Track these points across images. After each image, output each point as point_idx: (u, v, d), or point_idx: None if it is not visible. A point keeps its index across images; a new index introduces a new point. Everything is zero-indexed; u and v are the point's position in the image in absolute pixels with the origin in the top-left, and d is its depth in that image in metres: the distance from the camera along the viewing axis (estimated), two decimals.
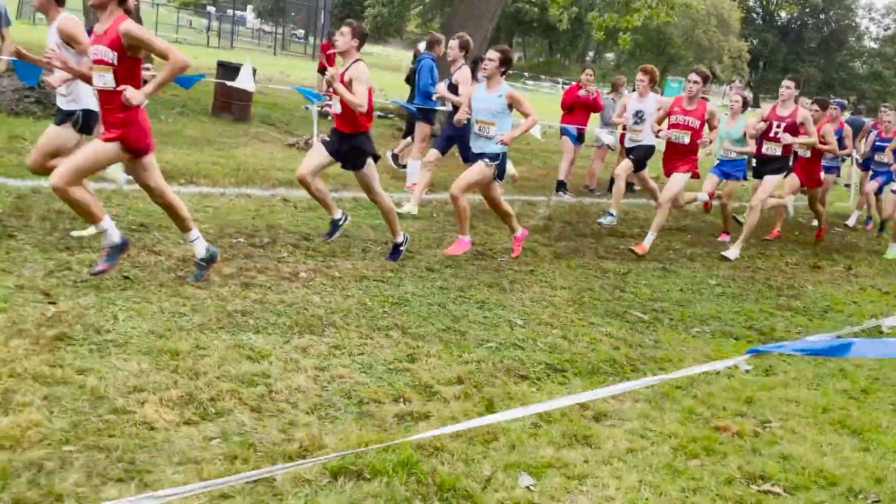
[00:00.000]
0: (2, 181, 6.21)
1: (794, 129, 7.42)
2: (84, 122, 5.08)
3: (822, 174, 10.05)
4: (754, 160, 7.97)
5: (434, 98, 8.61)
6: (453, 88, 8.02)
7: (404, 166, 10.04)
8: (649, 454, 3.27)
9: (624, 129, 9.86)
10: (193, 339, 3.86)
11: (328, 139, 5.91)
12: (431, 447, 3.12)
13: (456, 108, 6.88)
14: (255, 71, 11.92)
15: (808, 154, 8.22)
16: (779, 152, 7.53)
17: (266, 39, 42.39)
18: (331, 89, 6.08)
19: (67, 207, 5.84)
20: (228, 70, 11.16)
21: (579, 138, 10.41)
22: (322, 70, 15.93)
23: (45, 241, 5.02)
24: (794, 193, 8.68)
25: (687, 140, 7.09)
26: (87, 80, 4.50)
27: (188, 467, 2.74)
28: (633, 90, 8.62)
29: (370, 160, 5.75)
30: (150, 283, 4.56)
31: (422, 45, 12.37)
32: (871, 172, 10.58)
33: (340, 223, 6.25)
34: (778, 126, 7.50)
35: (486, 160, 5.97)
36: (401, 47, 55.90)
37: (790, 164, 8.07)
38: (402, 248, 5.88)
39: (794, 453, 3.45)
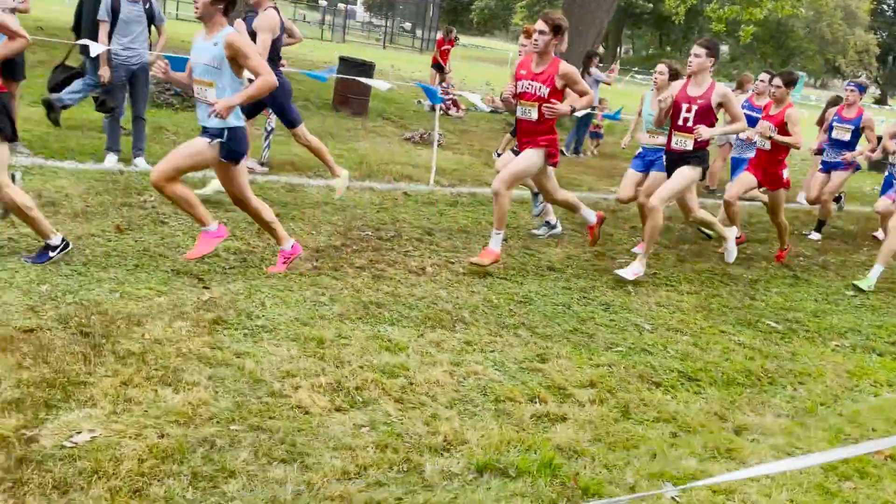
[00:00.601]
0: (150, 169, 6.64)
1: (707, 113, 5.48)
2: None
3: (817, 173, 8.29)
4: (665, 155, 6.04)
5: None
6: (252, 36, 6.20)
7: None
8: (798, 473, 3.16)
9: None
10: (335, 328, 4.03)
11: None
12: (571, 450, 3.14)
13: None
14: (373, 67, 12.23)
15: (768, 144, 6.47)
16: (689, 146, 5.54)
17: (375, 32, 43.28)
18: (450, 88, 6.15)
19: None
20: (350, 65, 11.48)
21: None
22: (436, 65, 16.15)
23: (193, 228, 5.35)
24: (748, 194, 6.94)
25: (535, 115, 5.22)
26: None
27: (343, 453, 2.88)
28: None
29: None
30: (290, 271, 4.79)
31: None
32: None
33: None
34: (688, 110, 5.52)
35: (208, 137, 4.36)
36: (505, 40, 55.71)
37: (706, 163, 5.83)
38: (51, 254, 4.31)
39: None
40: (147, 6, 6.78)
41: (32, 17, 11.64)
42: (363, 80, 9.14)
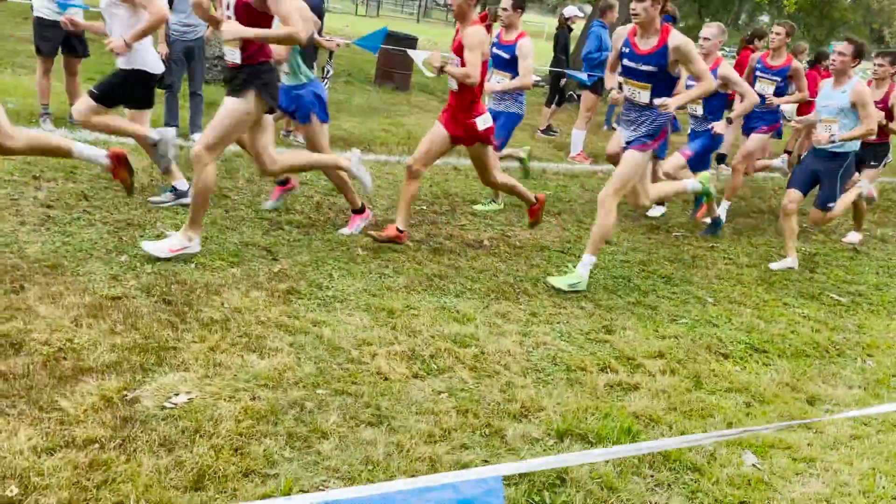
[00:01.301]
0: None
1: (244, 13, 3.94)
2: None
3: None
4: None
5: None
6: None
7: (555, 131, 10.13)
8: (877, 442, 3.16)
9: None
10: (403, 299, 4.10)
11: None
12: (648, 418, 3.17)
13: None
14: (416, 40, 12.20)
15: (455, 84, 4.94)
16: (238, 59, 4.13)
17: (408, 7, 43.04)
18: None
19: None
20: (395, 39, 11.47)
21: None
22: None
23: (254, 202, 5.45)
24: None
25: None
26: None
27: (427, 417, 2.95)
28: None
29: None
30: (353, 245, 4.86)
31: (568, 10, 12.20)
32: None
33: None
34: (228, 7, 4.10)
35: None
36: (540, 13, 54.92)
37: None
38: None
39: None
40: None
41: None
42: (410, 51, 9.12)
